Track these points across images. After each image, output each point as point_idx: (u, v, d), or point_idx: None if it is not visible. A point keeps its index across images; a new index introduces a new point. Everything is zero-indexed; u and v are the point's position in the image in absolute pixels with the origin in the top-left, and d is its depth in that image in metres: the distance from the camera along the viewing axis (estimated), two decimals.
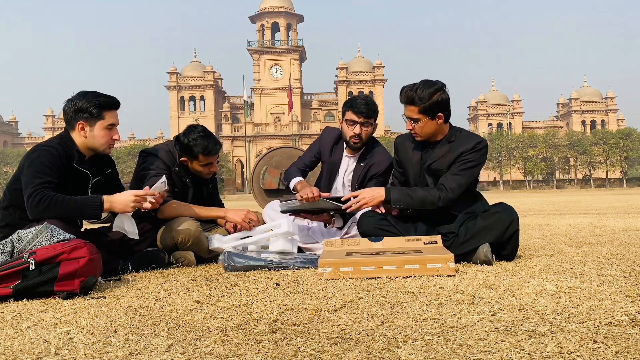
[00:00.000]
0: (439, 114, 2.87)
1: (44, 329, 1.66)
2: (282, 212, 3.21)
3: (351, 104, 3.35)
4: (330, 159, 3.53)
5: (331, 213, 3.29)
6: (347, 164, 3.49)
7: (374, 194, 2.93)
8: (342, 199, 3.02)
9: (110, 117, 2.78)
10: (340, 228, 3.40)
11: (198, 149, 3.21)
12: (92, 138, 2.75)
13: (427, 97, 2.84)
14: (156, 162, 3.25)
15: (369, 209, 3.03)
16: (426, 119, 2.88)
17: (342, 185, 3.51)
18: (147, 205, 2.75)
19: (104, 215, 2.80)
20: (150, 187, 2.82)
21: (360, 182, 3.42)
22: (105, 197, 2.66)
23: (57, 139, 2.75)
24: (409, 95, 2.89)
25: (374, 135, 3.50)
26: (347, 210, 2.98)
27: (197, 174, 3.35)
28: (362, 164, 3.40)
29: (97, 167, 2.88)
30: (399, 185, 3.20)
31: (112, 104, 2.80)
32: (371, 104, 3.35)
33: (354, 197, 2.96)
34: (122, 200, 2.67)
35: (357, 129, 3.31)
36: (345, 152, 3.49)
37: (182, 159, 3.28)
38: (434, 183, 2.97)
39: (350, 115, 3.32)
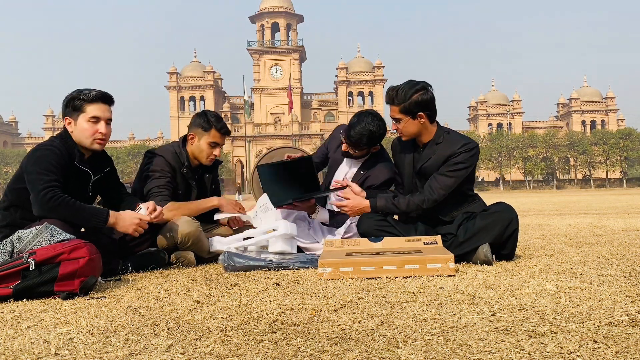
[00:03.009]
0: (420, 113, 2.88)
1: (44, 329, 1.66)
2: (274, 205, 3.21)
3: (348, 126, 3.27)
4: (334, 154, 3.57)
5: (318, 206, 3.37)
6: (350, 167, 3.48)
7: (357, 209, 3.02)
8: (333, 193, 3.21)
9: (92, 110, 2.71)
10: (327, 225, 3.42)
11: (214, 124, 3.35)
12: (77, 132, 2.74)
13: (407, 97, 2.87)
14: (162, 164, 3.26)
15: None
16: (407, 119, 2.91)
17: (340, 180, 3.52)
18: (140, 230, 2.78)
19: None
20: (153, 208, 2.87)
21: None
22: (112, 213, 2.70)
23: (58, 139, 2.75)
24: (390, 95, 2.94)
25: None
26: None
27: (196, 158, 3.39)
28: (362, 172, 3.39)
29: (97, 166, 2.89)
30: (402, 187, 3.21)
31: (96, 97, 2.73)
32: (357, 134, 3.17)
33: (343, 198, 3.06)
34: (126, 219, 2.70)
35: (344, 147, 3.37)
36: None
37: (190, 134, 3.37)
38: (419, 184, 2.99)
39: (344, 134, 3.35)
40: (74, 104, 2.73)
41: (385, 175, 3.35)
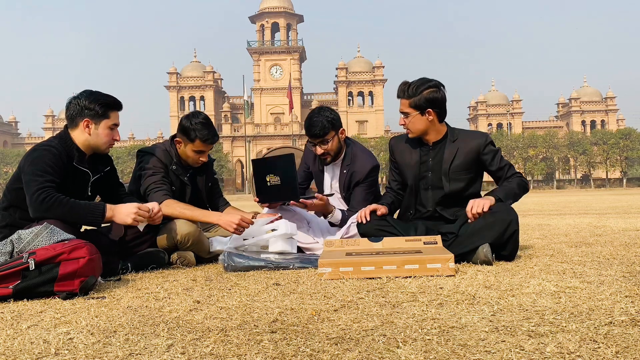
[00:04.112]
0: (429, 109, 2.92)
1: (44, 329, 1.66)
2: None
3: (305, 128, 3.33)
4: (313, 167, 3.60)
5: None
6: (333, 172, 3.53)
7: (486, 200, 2.84)
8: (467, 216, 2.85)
9: (114, 117, 2.83)
10: (333, 225, 3.42)
11: (197, 134, 3.24)
12: (96, 136, 2.78)
13: (418, 92, 2.93)
14: (153, 161, 3.25)
15: (369, 209, 3.05)
16: (416, 114, 2.95)
17: (329, 190, 3.55)
18: (141, 223, 2.73)
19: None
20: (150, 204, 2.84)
21: (346, 188, 3.45)
22: (108, 206, 2.68)
23: (57, 139, 2.76)
24: (402, 88, 2.99)
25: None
26: (471, 220, 2.80)
27: (185, 160, 3.35)
28: (344, 171, 3.43)
29: (96, 166, 2.89)
30: (396, 185, 3.22)
31: (117, 104, 2.85)
32: (316, 125, 3.26)
33: (470, 211, 2.81)
34: (123, 211, 2.68)
35: (318, 150, 3.36)
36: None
37: (177, 139, 3.32)
38: (450, 184, 2.98)
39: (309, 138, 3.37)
40: (97, 108, 2.76)
41: (369, 164, 3.40)
